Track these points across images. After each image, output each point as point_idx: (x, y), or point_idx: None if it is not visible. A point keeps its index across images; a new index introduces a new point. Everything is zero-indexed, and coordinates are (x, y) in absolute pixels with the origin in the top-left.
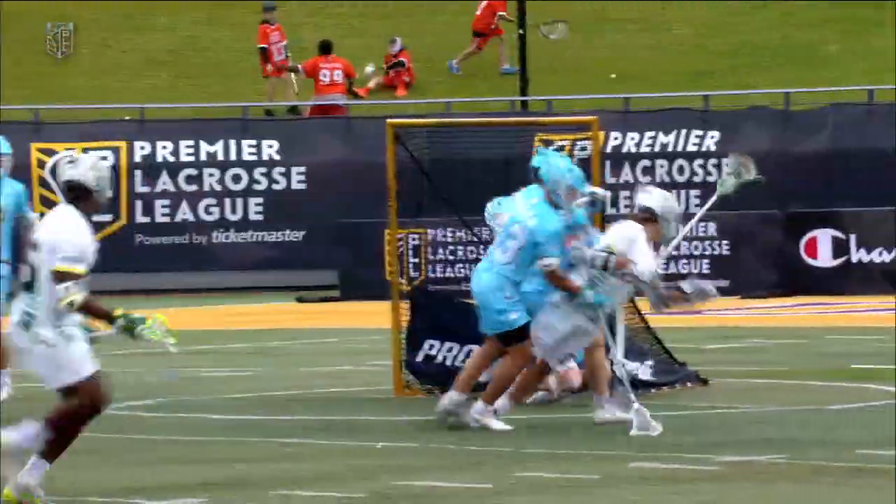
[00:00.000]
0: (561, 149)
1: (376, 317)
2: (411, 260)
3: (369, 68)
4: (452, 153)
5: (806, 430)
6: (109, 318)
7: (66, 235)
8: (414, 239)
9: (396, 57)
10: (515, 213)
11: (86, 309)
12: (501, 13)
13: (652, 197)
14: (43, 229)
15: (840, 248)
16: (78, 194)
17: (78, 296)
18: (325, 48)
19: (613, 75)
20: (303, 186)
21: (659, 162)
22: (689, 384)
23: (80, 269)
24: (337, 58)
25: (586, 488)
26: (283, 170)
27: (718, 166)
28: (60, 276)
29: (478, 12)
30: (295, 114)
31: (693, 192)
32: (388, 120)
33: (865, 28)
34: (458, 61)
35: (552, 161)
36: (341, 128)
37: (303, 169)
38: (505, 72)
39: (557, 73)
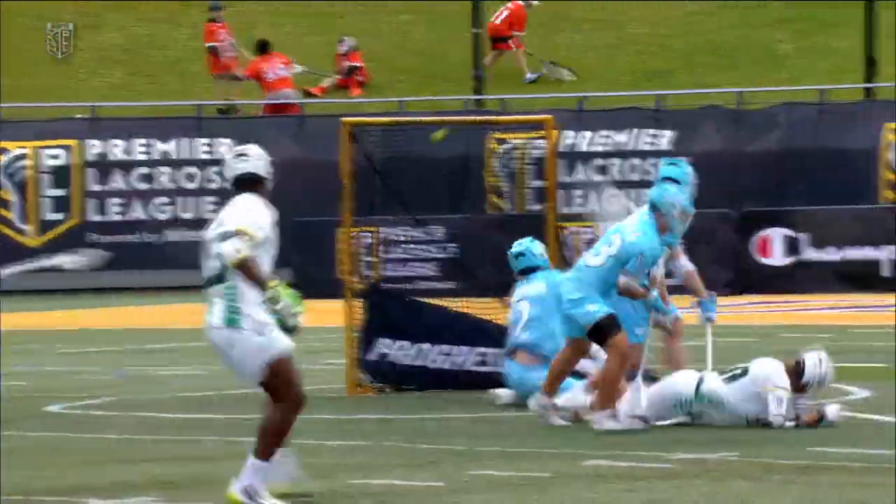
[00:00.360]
0: (514, 147)
1: (330, 315)
2: (364, 258)
3: (298, 68)
4: (407, 152)
5: (757, 428)
6: (264, 286)
7: (249, 211)
8: (367, 237)
9: (346, 56)
10: (622, 224)
11: (246, 267)
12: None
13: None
14: (228, 216)
15: (792, 246)
16: (251, 185)
17: (245, 249)
18: (263, 47)
19: (568, 73)
20: None
21: (613, 161)
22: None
23: (253, 230)
24: (277, 53)
25: (541, 486)
26: None
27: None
28: (233, 234)
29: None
30: (233, 114)
31: (646, 192)
32: (343, 118)
33: (821, 28)
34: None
35: (666, 187)
36: (296, 126)
37: None
38: (529, 80)
39: (513, 73)
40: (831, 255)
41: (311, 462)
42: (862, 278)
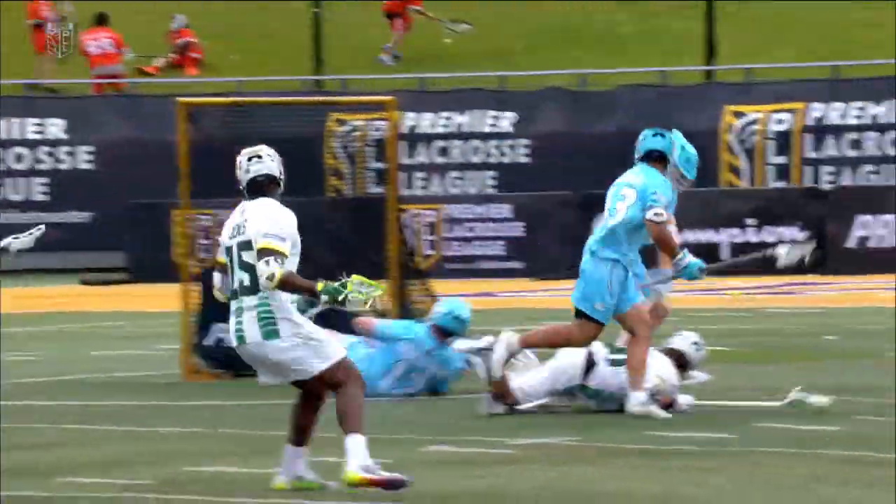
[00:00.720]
0: (357, 129)
1: (166, 300)
2: (202, 241)
3: (129, 54)
4: (246, 132)
5: (599, 412)
6: (313, 293)
7: (272, 218)
8: (204, 220)
9: (178, 34)
10: (622, 180)
11: (288, 284)
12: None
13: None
14: (250, 225)
15: None
16: (267, 186)
17: (279, 271)
18: (100, 20)
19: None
20: (90, 166)
21: (454, 143)
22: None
23: (283, 246)
24: (106, 28)
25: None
26: (69, 149)
27: (514, 147)
28: (264, 253)
29: None
30: (61, 93)
31: (489, 174)
32: (180, 98)
33: (662, 10)
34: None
35: (681, 143)
36: (131, 106)
37: (90, 148)
38: (383, 61)
39: (354, 52)
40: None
41: (143, 449)
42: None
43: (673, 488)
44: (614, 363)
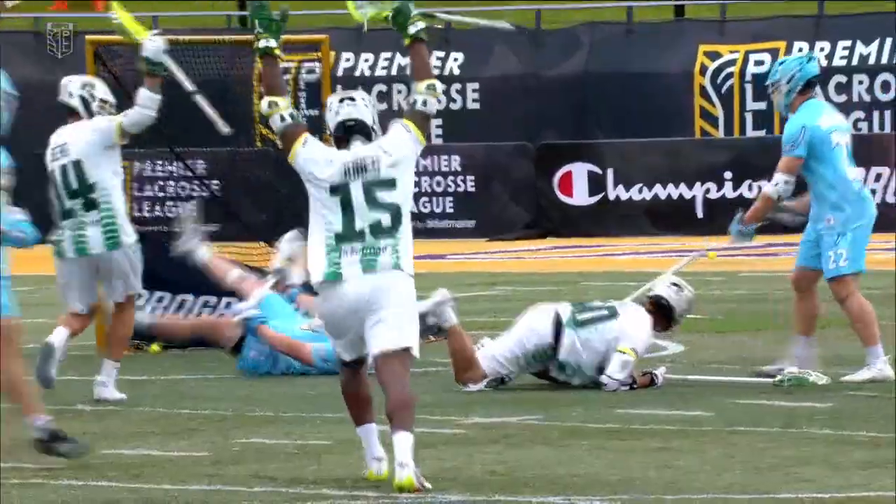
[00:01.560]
0: (286, 71)
1: None
2: None
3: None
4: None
5: (562, 388)
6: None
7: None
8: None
9: None
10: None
11: None
12: None
13: None
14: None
15: (596, 184)
16: (358, 132)
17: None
18: None
19: None
20: None
21: (396, 87)
22: (431, 338)
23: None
24: None
25: (317, 455)
26: None
27: (462, 92)
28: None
29: None
30: None
31: (434, 122)
32: (88, 36)
33: None
34: None
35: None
36: (32, 45)
37: None
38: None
39: None
40: (640, 193)
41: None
42: (675, 220)
43: (640, 471)
44: (581, 323)
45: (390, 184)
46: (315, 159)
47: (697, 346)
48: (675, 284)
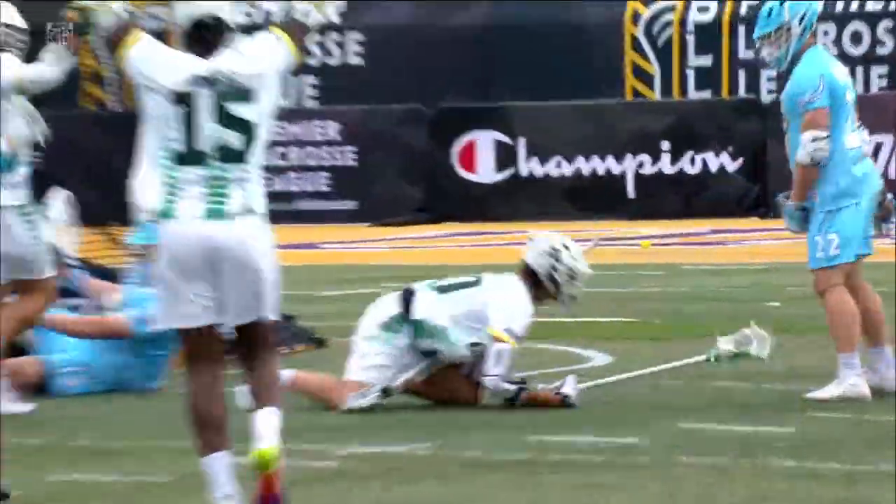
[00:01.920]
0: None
1: None
2: None
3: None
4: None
5: (459, 410)
6: None
7: None
8: None
9: None
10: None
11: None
12: None
13: None
14: None
15: (505, 156)
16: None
17: None
18: None
19: None
20: None
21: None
22: (299, 346)
23: None
24: None
25: (159, 491)
26: None
27: (342, 44)
28: None
29: None
30: None
31: (307, 80)
32: None
33: None
34: None
35: None
36: None
37: None
38: None
39: None
40: (558, 168)
41: None
42: (601, 200)
43: None
44: (441, 290)
45: (247, 95)
46: (154, 60)
47: (628, 357)
48: (552, 249)
